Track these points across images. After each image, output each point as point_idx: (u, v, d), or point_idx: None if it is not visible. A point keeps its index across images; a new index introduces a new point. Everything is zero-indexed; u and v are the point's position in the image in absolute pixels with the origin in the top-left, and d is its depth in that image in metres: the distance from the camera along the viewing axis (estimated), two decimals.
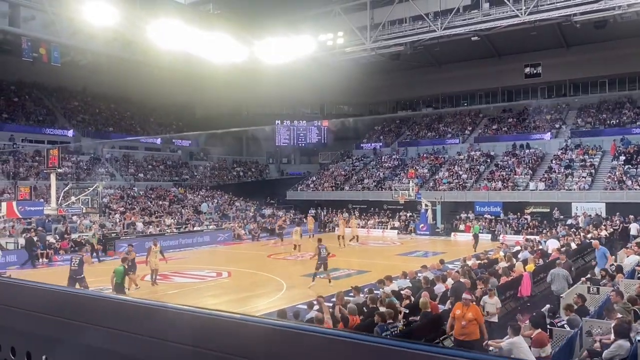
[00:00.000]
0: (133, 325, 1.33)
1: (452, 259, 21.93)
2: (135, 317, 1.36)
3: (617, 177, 35.35)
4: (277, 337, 1.11)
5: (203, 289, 18.19)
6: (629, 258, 16.09)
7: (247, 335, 1.17)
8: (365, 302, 11.79)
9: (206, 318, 1.23)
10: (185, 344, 1.20)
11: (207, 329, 1.21)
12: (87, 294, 1.62)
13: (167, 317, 1.30)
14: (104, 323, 1.39)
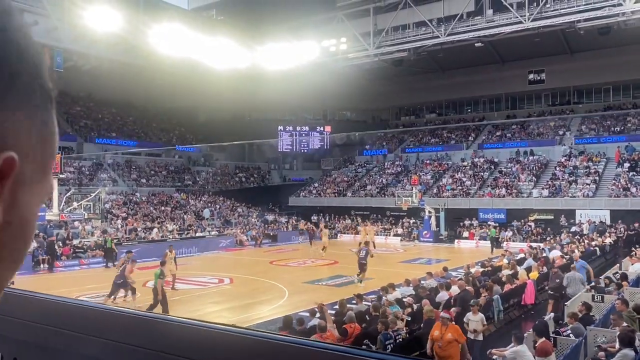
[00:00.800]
0: (128, 337, 1.29)
1: (455, 267, 21.79)
2: (131, 328, 1.31)
3: (622, 184, 35.19)
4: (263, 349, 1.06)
5: (205, 296, 18.10)
6: (634, 266, 15.98)
7: (233, 347, 1.12)
8: (368, 310, 11.70)
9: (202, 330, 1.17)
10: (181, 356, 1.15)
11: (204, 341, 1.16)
12: (81, 304, 1.57)
13: (164, 328, 1.25)
14: (99, 334, 1.34)
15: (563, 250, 21.69)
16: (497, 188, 39.88)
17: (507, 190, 39.14)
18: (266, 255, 29.96)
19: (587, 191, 35.99)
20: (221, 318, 14.48)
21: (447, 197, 40.23)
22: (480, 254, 27.87)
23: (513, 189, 39.02)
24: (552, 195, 36.89)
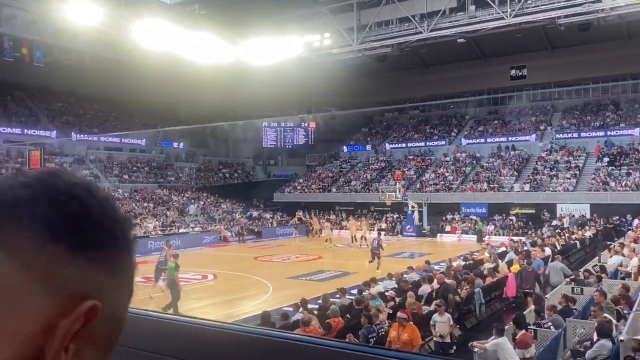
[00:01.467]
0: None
1: (438, 260, 21.96)
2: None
3: (601, 179, 35.74)
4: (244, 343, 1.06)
5: (188, 292, 17.98)
6: (612, 258, 16.25)
7: (210, 341, 1.11)
8: (352, 304, 11.76)
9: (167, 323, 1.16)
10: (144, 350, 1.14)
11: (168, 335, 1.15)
12: None
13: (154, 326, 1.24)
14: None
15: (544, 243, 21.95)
16: (479, 183, 40.24)
17: (489, 184, 39.52)
18: (250, 251, 29.90)
19: (568, 185, 36.50)
20: (205, 314, 14.42)
21: (430, 192, 40.51)
22: (462, 247, 28.12)
23: (494, 184, 39.40)
24: (533, 189, 37.34)
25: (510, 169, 40.89)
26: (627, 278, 13.38)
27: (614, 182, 34.98)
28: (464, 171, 43.03)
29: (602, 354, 7.63)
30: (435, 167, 45.29)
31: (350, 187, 46.18)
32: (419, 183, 43.39)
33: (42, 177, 0.58)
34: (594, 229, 29.69)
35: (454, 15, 36.82)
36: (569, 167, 38.70)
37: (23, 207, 0.54)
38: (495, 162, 42.81)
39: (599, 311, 9.19)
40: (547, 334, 9.25)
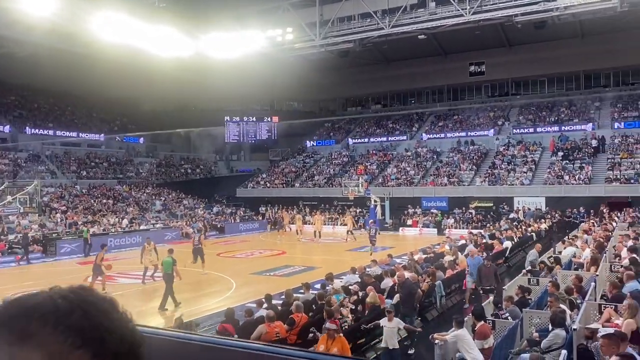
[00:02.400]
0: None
1: (400, 254, 22.30)
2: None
3: (556, 173, 36.93)
4: None
5: (149, 290, 17.75)
6: (566, 250, 16.81)
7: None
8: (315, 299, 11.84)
9: None
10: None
11: None
12: None
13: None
14: None
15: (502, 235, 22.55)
16: (440, 177, 40.98)
17: (449, 179, 40.30)
18: (213, 247, 29.55)
19: (524, 179, 37.57)
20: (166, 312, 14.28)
21: (392, 187, 41.02)
22: (423, 241, 28.63)
23: (454, 178, 40.21)
24: (492, 183, 38.29)
25: (469, 163, 41.78)
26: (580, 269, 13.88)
27: (568, 176, 36.20)
28: (425, 166, 43.73)
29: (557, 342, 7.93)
30: (397, 162, 45.86)
31: (313, 182, 46.29)
32: (382, 177, 43.86)
33: (77, 291, 0.73)
34: (549, 221, 30.69)
35: (414, 12, 37.26)
36: (526, 161, 39.82)
37: (61, 316, 0.66)
38: (455, 156, 43.66)
39: (555, 302, 9.53)
40: (505, 325, 9.53)
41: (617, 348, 6.41)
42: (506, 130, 45.22)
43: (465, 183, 39.63)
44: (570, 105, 45.42)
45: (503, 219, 32.74)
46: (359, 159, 48.49)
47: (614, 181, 34.17)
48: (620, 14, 32.92)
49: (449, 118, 50.33)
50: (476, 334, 8.75)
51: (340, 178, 44.23)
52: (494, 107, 49.47)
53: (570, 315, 9.11)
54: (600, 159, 37.63)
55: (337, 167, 48.11)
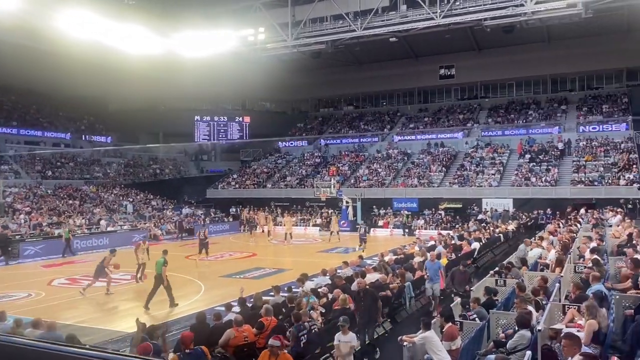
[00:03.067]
0: None
1: (371, 255, 22.37)
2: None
3: (523, 174, 37.65)
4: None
5: (115, 293, 17.38)
6: (533, 251, 17.09)
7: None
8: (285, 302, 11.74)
9: None
10: None
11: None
12: None
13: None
14: None
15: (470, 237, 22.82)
16: (410, 178, 41.35)
17: (419, 180, 40.70)
18: (182, 249, 29.21)
19: (492, 181, 38.19)
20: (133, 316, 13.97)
21: (363, 188, 41.19)
22: (394, 242, 28.82)
23: (425, 179, 40.62)
24: (461, 185, 38.82)
25: (439, 165, 42.28)
26: (546, 269, 14.13)
27: (535, 178, 36.96)
28: (395, 167, 44.07)
29: (522, 343, 8.04)
30: (369, 163, 46.10)
31: (285, 183, 46.15)
32: (353, 179, 44.01)
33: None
34: (516, 222, 31.24)
35: (386, 15, 37.48)
36: (494, 163, 40.50)
37: None
38: (425, 158, 44.13)
39: (521, 303, 9.68)
40: (472, 326, 9.62)
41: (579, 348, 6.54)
42: (475, 133, 45.92)
43: (435, 184, 40.08)
44: (537, 109, 46.41)
45: (471, 220, 33.22)
46: (331, 160, 48.57)
47: (578, 183, 35.02)
48: (585, 20, 33.76)
49: (419, 120, 50.85)
50: (444, 335, 8.80)
51: (312, 179, 44.22)
52: (464, 109, 50.20)
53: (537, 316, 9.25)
54: (566, 161, 38.54)
55: (309, 168, 48.09)
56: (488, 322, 9.80)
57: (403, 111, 53.48)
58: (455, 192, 38.40)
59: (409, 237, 30.74)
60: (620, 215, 25.33)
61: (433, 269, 14.40)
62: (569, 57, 43.20)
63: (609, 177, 34.63)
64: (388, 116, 53.43)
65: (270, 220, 35.26)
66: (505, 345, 8.48)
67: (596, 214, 28.04)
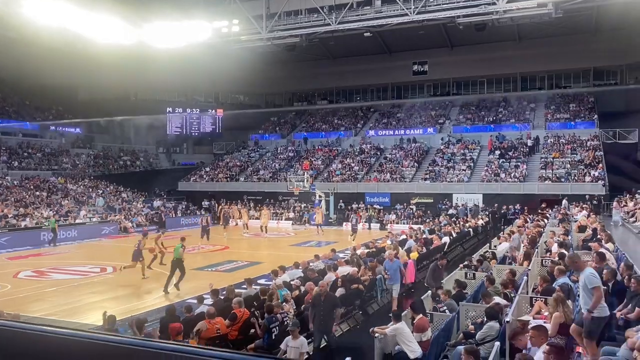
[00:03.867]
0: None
1: (343, 248, 22.51)
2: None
3: (493, 170, 38.33)
4: None
5: (84, 286, 17.11)
6: (501, 245, 17.47)
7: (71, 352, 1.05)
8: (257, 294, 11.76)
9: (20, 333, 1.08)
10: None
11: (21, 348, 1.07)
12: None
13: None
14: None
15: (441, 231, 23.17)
16: (383, 173, 41.66)
17: (392, 175, 41.03)
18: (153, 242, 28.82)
19: (463, 176, 38.77)
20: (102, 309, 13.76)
21: (336, 182, 41.32)
22: (366, 235, 29.05)
23: (397, 174, 40.98)
24: (432, 180, 39.30)
25: (411, 160, 42.69)
26: (514, 263, 14.46)
27: (504, 174, 37.66)
28: (368, 162, 44.33)
29: (491, 334, 8.22)
30: (342, 158, 46.25)
31: (258, 177, 45.97)
32: (327, 173, 44.10)
33: None
34: (486, 217, 31.79)
35: (361, 9, 37.62)
36: (465, 159, 41.10)
37: None
38: (397, 153, 44.50)
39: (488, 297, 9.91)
40: (442, 318, 9.80)
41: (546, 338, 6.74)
42: (447, 129, 46.49)
43: (407, 179, 40.48)
44: (507, 106, 47.22)
45: (442, 214, 33.70)
46: (305, 154, 48.55)
47: (546, 180, 35.83)
48: (555, 20, 34.53)
49: (392, 116, 51.20)
50: (415, 327, 8.95)
51: (285, 173, 44.14)
52: (436, 106, 50.75)
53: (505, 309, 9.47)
54: (535, 158, 39.36)
55: (282, 161, 47.98)
56: (458, 314, 10.00)
57: (377, 107, 53.77)
58: (427, 187, 38.86)
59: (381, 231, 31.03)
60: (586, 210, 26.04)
61: (392, 269, 13.75)
62: (539, 56, 44.07)
63: (576, 174, 35.52)
64: (361, 111, 53.65)
65: (246, 214, 35.14)
66: (475, 336, 8.67)
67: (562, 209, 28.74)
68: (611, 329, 8.31)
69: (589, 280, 6.89)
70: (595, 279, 6.93)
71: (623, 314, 8.22)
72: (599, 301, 6.81)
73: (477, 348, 7.39)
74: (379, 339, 8.92)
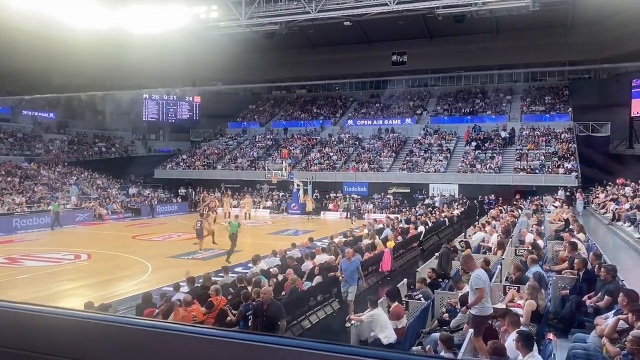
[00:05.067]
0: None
1: (320, 237, 22.59)
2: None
3: (469, 161, 38.78)
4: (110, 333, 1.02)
5: (58, 273, 16.87)
6: (476, 235, 17.74)
7: (77, 332, 1.05)
8: (234, 282, 11.77)
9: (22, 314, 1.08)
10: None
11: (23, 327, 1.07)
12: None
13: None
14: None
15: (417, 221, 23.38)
16: (361, 163, 41.82)
17: (370, 165, 41.22)
18: (128, 229, 28.60)
19: (439, 167, 39.15)
20: (77, 296, 13.65)
21: (315, 171, 41.34)
22: (343, 224, 29.21)
23: (375, 164, 41.18)
24: (409, 170, 39.59)
25: (389, 150, 42.91)
26: (488, 252, 14.71)
27: (480, 165, 38.14)
28: (347, 151, 44.42)
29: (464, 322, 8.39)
30: (321, 147, 46.24)
31: (236, 165, 45.70)
32: (305, 162, 44.07)
33: None
34: (461, 207, 32.23)
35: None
36: (441, 150, 41.48)
37: None
38: (375, 143, 44.67)
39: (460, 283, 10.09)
40: (417, 305, 9.95)
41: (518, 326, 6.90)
42: (424, 120, 46.80)
43: (385, 169, 40.71)
44: (484, 98, 47.71)
45: (419, 204, 34.03)
46: (283, 142, 48.40)
47: (521, 171, 36.40)
48: (533, 13, 34.91)
49: (371, 105, 51.30)
50: (390, 314, 9.07)
51: (263, 161, 43.97)
52: (414, 96, 50.98)
53: None
54: (510, 149, 39.92)
55: (260, 150, 47.77)
56: (433, 302, 10.16)
57: (355, 96, 53.80)
58: (404, 177, 39.15)
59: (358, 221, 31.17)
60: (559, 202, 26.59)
61: (349, 270, 11.93)
62: (516, 49, 44.47)
63: (549, 165, 36.15)
64: (340, 101, 53.63)
65: (228, 202, 34.90)
66: (449, 324, 8.83)
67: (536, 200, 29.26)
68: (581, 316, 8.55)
69: (475, 281, 7.56)
70: (480, 280, 7.51)
71: (592, 302, 8.45)
72: (479, 301, 7.42)
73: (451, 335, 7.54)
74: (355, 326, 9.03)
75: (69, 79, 46.14)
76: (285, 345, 0.97)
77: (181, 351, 0.98)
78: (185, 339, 0.99)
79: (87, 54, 39.55)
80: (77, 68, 43.25)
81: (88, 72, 45.97)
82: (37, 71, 45.73)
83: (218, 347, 0.96)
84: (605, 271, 8.49)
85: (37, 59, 40.86)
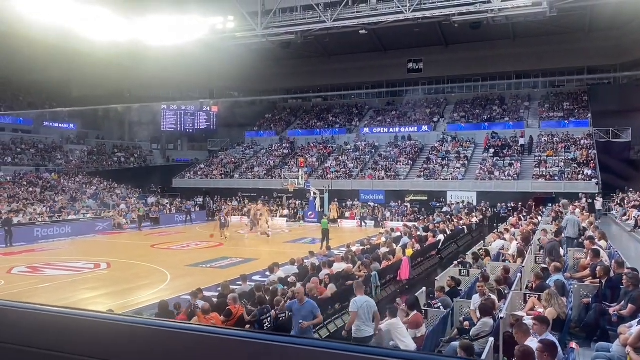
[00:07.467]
0: None
1: (337, 245, 22.53)
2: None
3: (487, 169, 38.44)
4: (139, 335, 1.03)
5: (79, 282, 17.06)
6: (495, 242, 17.53)
7: (105, 334, 1.07)
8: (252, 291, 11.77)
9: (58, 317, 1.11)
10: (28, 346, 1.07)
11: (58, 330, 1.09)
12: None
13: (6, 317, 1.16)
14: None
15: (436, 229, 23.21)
16: (377, 171, 41.71)
17: (386, 172, 41.09)
18: (147, 238, 28.83)
19: (457, 174, 38.87)
20: (97, 304, 13.78)
21: (331, 179, 41.34)
22: (360, 233, 29.09)
23: (391, 172, 41.05)
24: (426, 177, 39.38)
25: (406, 158, 42.75)
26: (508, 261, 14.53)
27: (498, 172, 37.79)
28: (363, 159, 44.36)
29: (485, 330, 8.28)
30: (337, 155, 46.26)
31: (253, 174, 45.92)
32: (322, 170, 44.11)
33: None
34: (480, 215, 31.92)
35: (356, 7, 37.59)
36: (459, 157, 41.20)
37: None
38: (392, 151, 44.55)
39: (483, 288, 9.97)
40: (436, 314, 9.85)
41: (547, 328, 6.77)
42: (441, 127, 46.57)
43: (402, 177, 40.54)
44: (501, 104, 47.34)
45: (436, 212, 33.78)
46: (300, 151, 48.53)
47: (540, 178, 35.98)
48: (550, 19, 34.62)
49: (387, 113, 51.22)
50: (409, 323, 8.99)
51: (280, 170, 44.11)
52: (430, 103, 50.81)
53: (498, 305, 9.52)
54: (529, 157, 39.50)
55: (277, 158, 47.95)
56: (452, 310, 10.05)
57: (371, 104, 53.79)
58: (421, 184, 38.94)
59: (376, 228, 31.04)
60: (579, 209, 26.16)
61: (301, 315, 9.14)
62: (533, 55, 44.18)
63: (569, 172, 35.67)
64: (356, 109, 53.66)
65: (267, 212, 33.12)
66: (469, 332, 8.72)
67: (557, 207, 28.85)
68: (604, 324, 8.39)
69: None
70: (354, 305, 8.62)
71: (616, 311, 8.29)
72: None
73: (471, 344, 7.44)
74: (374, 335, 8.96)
75: (89, 90, 47.00)
76: (300, 344, 1.01)
77: (205, 352, 1.01)
78: (208, 340, 1.02)
79: (106, 66, 40.26)
80: (96, 80, 44.05)
81: (107, 83, 46.79)
82: (57, 83, 46.66)
83: (238, 346, 1.01)
84: (628, 280, 8.33)
85: (57, 71, 41.69)
